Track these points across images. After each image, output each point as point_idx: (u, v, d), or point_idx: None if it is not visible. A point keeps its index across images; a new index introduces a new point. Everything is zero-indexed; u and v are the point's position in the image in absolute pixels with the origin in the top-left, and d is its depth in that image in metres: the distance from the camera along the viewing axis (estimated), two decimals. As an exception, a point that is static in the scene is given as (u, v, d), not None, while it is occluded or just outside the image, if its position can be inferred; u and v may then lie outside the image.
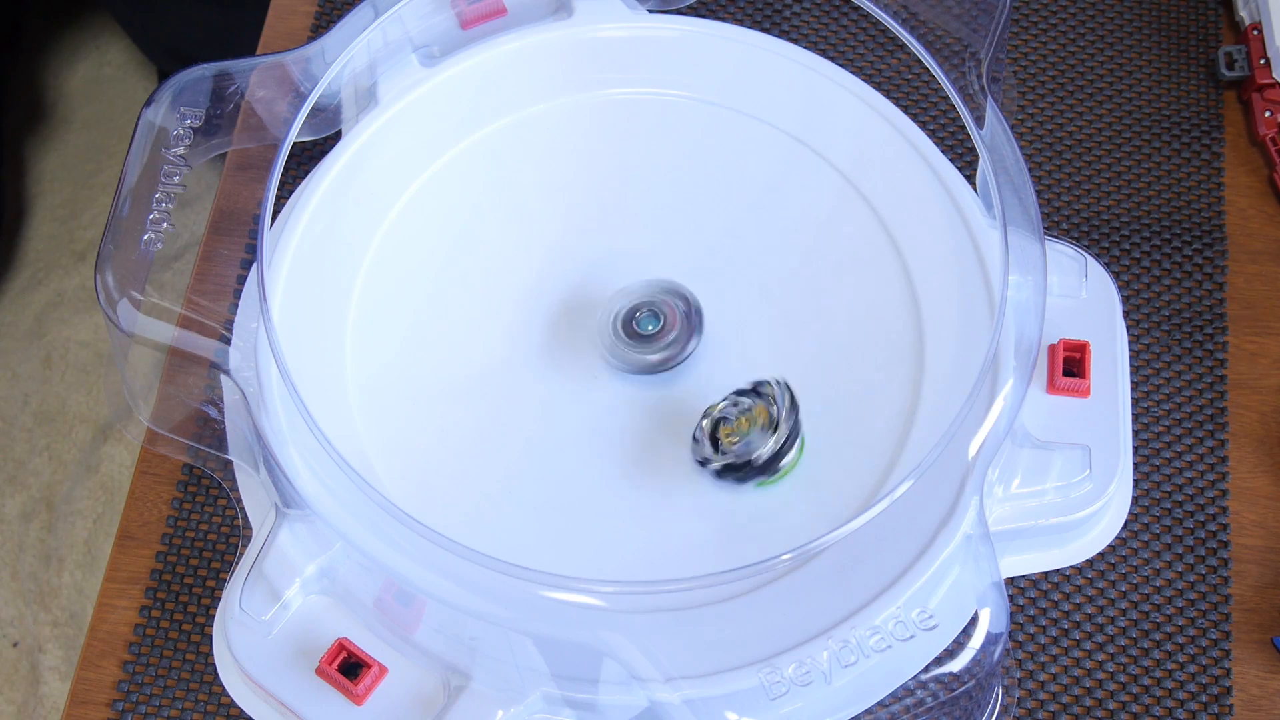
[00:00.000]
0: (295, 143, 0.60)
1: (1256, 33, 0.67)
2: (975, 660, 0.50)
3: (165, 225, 0.56)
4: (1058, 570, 0.57)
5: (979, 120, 0.58)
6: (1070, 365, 0.55)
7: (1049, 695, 0.55)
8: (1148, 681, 0.56)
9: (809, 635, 0.49)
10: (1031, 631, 0.56)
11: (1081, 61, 0.69)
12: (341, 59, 0.58)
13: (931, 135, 0.60)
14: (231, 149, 0.61)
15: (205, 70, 0.59)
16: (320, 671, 0.49)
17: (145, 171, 0.57)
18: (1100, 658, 0.56)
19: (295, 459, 0.52)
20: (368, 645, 0.50)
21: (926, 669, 0.50)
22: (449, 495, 0.53)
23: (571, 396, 0.56)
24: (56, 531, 1.19)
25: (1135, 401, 0.60)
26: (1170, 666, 0.56)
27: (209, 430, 0.56)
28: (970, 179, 0.59)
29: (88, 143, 1.37)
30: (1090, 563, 0.57)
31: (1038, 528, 0.53)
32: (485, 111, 0.61)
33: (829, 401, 0.55)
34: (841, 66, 0.62)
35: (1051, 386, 0.55)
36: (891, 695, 0.50)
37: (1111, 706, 0.55)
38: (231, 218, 0.64)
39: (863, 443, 0.54)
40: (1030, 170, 0.64)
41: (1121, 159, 0.66)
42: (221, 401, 0.55)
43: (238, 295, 0.58)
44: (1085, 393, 0.55)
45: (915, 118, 0.61)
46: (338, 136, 0.61)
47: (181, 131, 0.58)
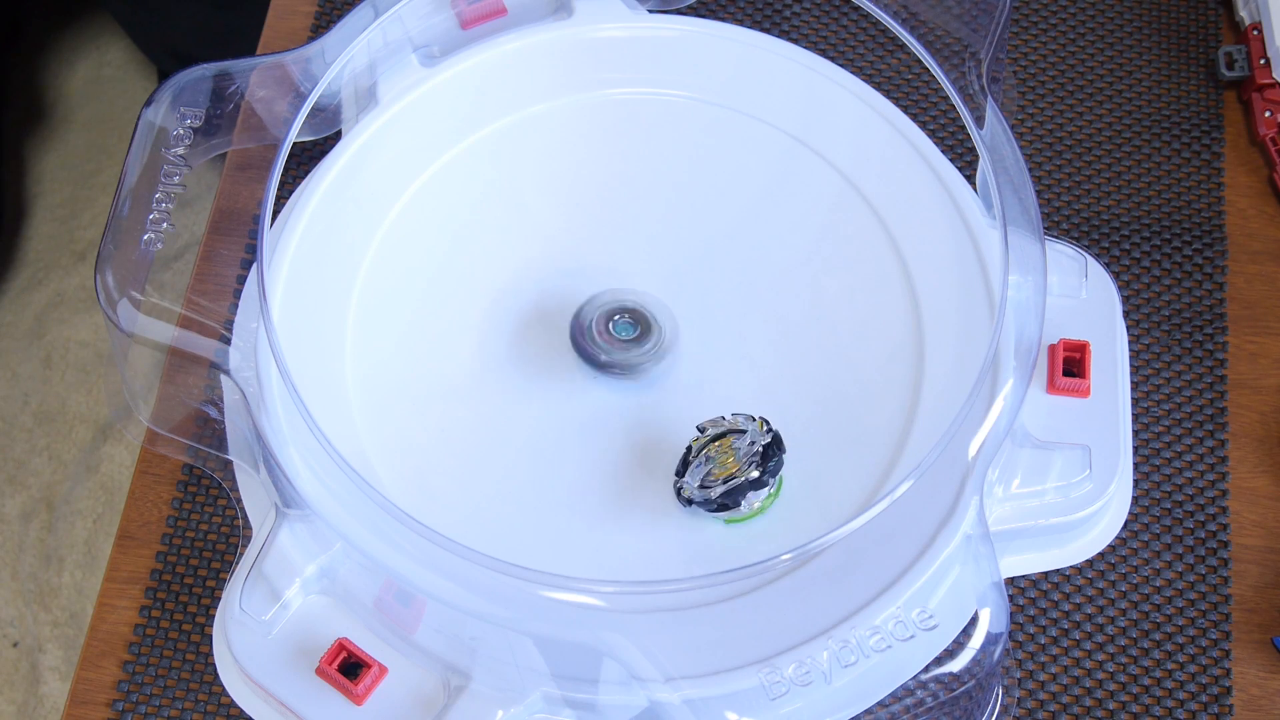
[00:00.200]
0: (295, 143, 0.60)
1: (1256, 33, 0.67)
2: (975, 660, 0.50)
3: (165, 225, 0.56)
4: (1058, 570, 0.57)
5: (979, 120, 0.58)
6: (1070, 365, 0.55)
7: (1049, 695, 0.55)
8: (1148, 681, 0.56)
9: (809, 635, 0.49)
10: (1031, 631, 0.56)
11: (1081, 61, 0.69)
12: (341, 59, 0.58)
13: (931, 135, 0.60)
14: (231, 149, 0.61)
15: (205, 70, 0.59)
16: (320, 671, 0.49)
17: (145, 171, 0.57)
18: (1100, 658, 0.56)
19: (295, 459, 0.52)
20: (368, 645, 0.50)
21: (926, 669, 0.50)
22: (449, 495, 0.53)
23: (572, 396, 0.56)
24: (56, 531, 1.19)
25: (1135, 401, 0.60)
26: (1170, 666, 0.56)
27: (209, 430, 0.56)
28: (970, 179, 0.59)
29: (88, 143, 1.37)
30: (1090, 563, 0.57)
31: (1038, 528, 0.53)
32: (485, 111, 0.61)
33: (829, 401, 0.55)
34: (841, 66, 0.62)
35: (1051, 386, 0.55)
36: (891, 695, 0.50)
37: (1111, 706, 0.55)
38: (231, 218, 0.64)
39: (863, 442, 0.54)
40: (1030, 170, 0.64)
41: (1121, 159, 0.66)
42: (221, 401, 0.55)
43: (238, 295, 0.58)
44: (1085, 393, 0.55)
45: (915, 118, 0.61)
46: (338, 136, 0.61)
47: (181, 131, 0.58)
